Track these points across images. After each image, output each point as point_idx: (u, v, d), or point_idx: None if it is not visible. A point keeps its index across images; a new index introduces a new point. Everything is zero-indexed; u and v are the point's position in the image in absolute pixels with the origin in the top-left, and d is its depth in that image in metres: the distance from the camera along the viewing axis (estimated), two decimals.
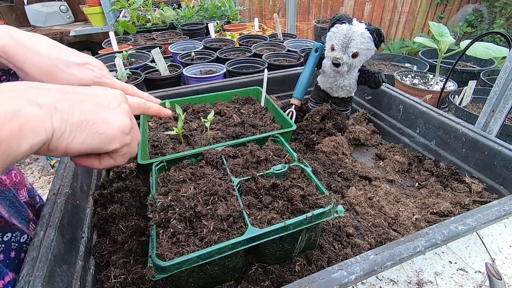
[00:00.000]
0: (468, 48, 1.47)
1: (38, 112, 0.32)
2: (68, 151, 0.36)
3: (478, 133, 0.81)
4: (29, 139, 0.31)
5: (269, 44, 1.75)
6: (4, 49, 0.44)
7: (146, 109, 0.52)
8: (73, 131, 0.36)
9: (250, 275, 0.55)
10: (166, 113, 0.56)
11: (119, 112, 0.41)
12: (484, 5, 3.98)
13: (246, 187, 0.59)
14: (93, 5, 2.55)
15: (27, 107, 0.31)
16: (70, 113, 0.36)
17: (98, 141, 0.38)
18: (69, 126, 0.35)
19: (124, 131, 0.41)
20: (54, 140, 0.34)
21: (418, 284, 0.52)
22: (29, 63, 0.45)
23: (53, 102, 0.34)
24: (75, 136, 0.36)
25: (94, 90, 0.42)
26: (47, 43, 0.49)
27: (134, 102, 0.50)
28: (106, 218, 0.66)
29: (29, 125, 0.31)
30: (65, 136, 0.35)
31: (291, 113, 1.04)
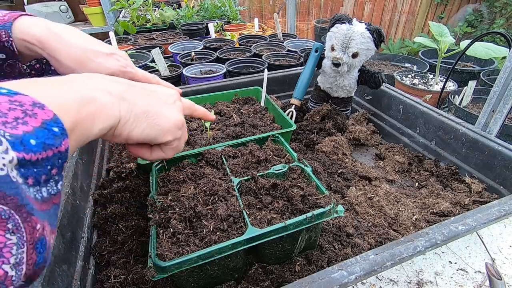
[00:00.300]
0: (468, 48, 1.47)
1: (110, 99, 0.36)
2: (129, 138, 0.40)
3: (478, 133, 0.81)
4: (101, 123, 0.34)
5: (269, 44, 1.75)
6: (41, 39, 0.48)
7: (194, 111, 0.56)
8: (135, 120, 0.39)
9: (250, 275, 0.55)
10: (211, 118, 0.60)
11: (175, 108, 0.46)
12: (484, 5, 3.98)
13: (246, 187, 0.59)
14: (93, 5, 2.55)
15: (101, 94, 0.35)
16: (135, 104, 0.39)
17: (155, 131, 0.42)
18: (133, 115, 0.39)
19: (177, 126, 0.45)
20: (120, 126, 0.38)
21: (418, 284, 0.52)
22: (62, 52, 0.49)
23: (121, 92, 0.38)
24: (136, 125, 0.40)
25: (154, 87, 0.46)
26: (78, 34, 0.53)
27: (185, 102, 0.53)
28: (106, 218, 0.66)
29: (102, 110, 0.34)
30: (128, 124, 0.39)
31: (291, 113, 1.04)
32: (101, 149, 0.89)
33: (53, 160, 0.27)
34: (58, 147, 0.28)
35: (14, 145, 0.23)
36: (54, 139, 0.27)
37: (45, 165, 0.27)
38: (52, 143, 0.27)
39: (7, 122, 0.24)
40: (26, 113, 0.26)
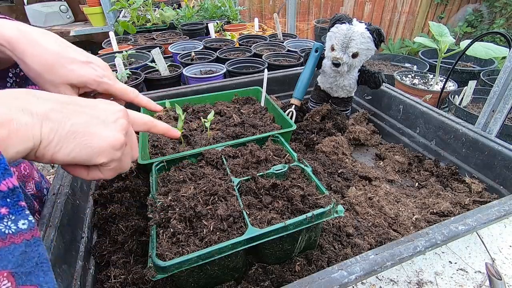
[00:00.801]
0: (468, 48, 1.47)
1: (29, 119, 0.33)
2: (54, 160, 0.36)
3: (478, 133, 0.81)
4: (16, 146, 0.32)
5: (269, 44, 1.75)
6: (10, 40, 0.46)
7: (153, 127, 0.52)
8: (60, 141, 0.36)
9: (250, 275, 0.55)
10: (174, 134, 0.56)
11: (114, 127, 0.41)
12: (484, 5, 3.98)
13: (246, 187, 0.59)
14: (93, 5, 2.55)
15: (19, 115, 0.32)
16: (62, 123, 0.36)
17: (85, 153, 0.38)
18: (57, 136, 0.36)
19: (114, 146, 0.41)
20: (41, 148, 0.35)
21: (418, 284, 0.52)
22: (31, 55, 0.46)
23: (46, 111, 0.35)
24: (62, 146, 0.36)
25: (95, 103, 0.42)
26: (53, 38, 0.50)
27: (140, 119, 0.50)
28: (106, 218, 0.66)
29: (18, 133, 0.31)
30: (52, 146, 0.35)
31: (291, 113, 1.04)
32: None
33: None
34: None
35: None
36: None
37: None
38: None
39: None
40: None
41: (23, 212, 0.29)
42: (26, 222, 0.29)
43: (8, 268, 0.28)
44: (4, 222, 0.28)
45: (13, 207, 0.29)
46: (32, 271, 0.30)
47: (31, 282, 0.30)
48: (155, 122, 0.52)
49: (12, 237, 0.28)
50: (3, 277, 0.27)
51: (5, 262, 0.28)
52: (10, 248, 0.28)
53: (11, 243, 0.28)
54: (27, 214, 0.30)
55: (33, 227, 0.30)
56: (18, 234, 0.29)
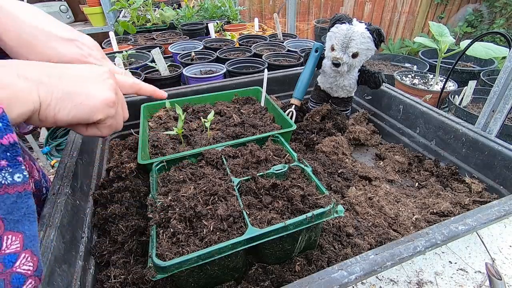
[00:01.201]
0: (468, 48, 1.47)
1: (25, 84, 0.35)
2: (57, 121, 0.39)
3: (478, 133, 0.81)
4: (17, 108, 0.34)
5: (269, 44, 1.75)
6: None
7: (139, 89, 0.54)
8: (58, 103, 0.38)
9: (250, 275, 0.55)
10: (160, 94, 0.58)
11: (103, 86, 0.43)
12: (484, 5, 3.98)
13: (246, 187, 0.59)
14: (93, 5, 2.55)
15: (16, 80, 0.34)
16: (55, 86, 0.38)
17: (82, 112, 0.41)
18: (54, 99, 0.38)
19: (107, 104, 0.43)
20: (42, 110, 0.37)
21: (418, 284, 0.52)
22: (8, 30, 0.44)
23: (40, 76, 0.37)
24: (60, 107, 0.39)
25: (82, 67, 0.44)
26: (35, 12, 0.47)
27: (126, 81, 0.52)
28: (106, 218, 0.66)
29: (17, 95, 0.34)
30: (51, 107, 0.38)
31: (291, 113, 1.04)
32: (101, 149, 0.89)
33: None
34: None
35: None
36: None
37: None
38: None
39: None
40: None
41: (20, 167, 0.32)
42: (21, 176, 0.32)
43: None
44: (2, 173, 0.31)
45: (11, 161, 0.31)
46: (19, 220, 0.32)
47: (18, 229, 0.32)
48: (141, 84, 0.54)
49: (7, 188, 0.31)
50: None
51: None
52: (3, 197, 0.31)
53: (5, 192, 0.31)
54: (22, 169, 0.32)
55: (26, 181, 0.33)
56: (13, 185, 0.32)
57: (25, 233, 0.33)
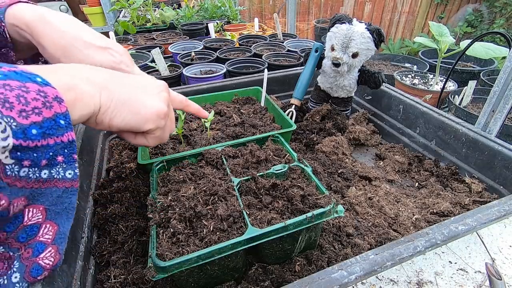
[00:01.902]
0: (468, 48, 1.47)
1: (90, 88, 0.37)
2: (111, 125, 0.41)
3: (478, 133, 0.81)
4: (80, 110, 0.36)
5: (269, 44, 1.75)
6: (28, 24, 0.47)
7: (187, 106, 0.57)
8: (116, 108, 0.40)
9: (250, 275, 0.55)
10: (204, 114, 0.63)
11: (158, 98, 0.46)
12: (484, 5, 3.98)
13: (246, 187, 0.59)
14: (93, 5, 2.55)
15: (82, 82, 0.37)
16: (116, 92, 0.40)
17: (136, 120, 0.43)
18: (113, 104, 0.40)
19: (159, 115, 0.45)
20: (100, 114, 0.39)
21: (418, 284, 0.52)
22: (48, 38, 0.47)
23: (103, 81, 0.39)
24: (117, 113, 0.41)
25: (140, 77, 0.47)
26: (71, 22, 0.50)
27: (177, 97, 0.55)
28: (106, 218, 0.66)
29: (82, 98, 0.36)
30: (109, 112, 0.40)
31: (291, 113, 1.04)
32: (101, 149, 0.89)
33: (55, 148, 0.31)
34: (59, 137, 0.32)
35: (16, 133, 0.28)
36: (57, 130, 0.31)
37: (46, 152, 0.31)
38: (53, 133, 0.31)
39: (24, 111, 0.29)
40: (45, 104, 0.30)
41: (73, 164, 0.34)
42: (72, 173, 0.34)
43: (45, 204, 0.33)
44: (57, 168, 0.33)
45: (67, 157, 0.33)
46: (60, 212, 0.35)
47: (56, 220, 0.35)
48: (189, 102, 0.58)
49: (57, 182, 0.33)
50: (39, 210, 0.33)
51: (44, 199, 0.33)
52: (52, 190, 0.33)
53: (54, 185, 0.33)
54: (75, 167, 0.34)
55: (76, 178, 0.35)
56: (62, 180, 0.34)
57: (59, 227, 0.35)
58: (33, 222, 0.33)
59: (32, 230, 0.33)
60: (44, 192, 0.33)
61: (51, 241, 0.35)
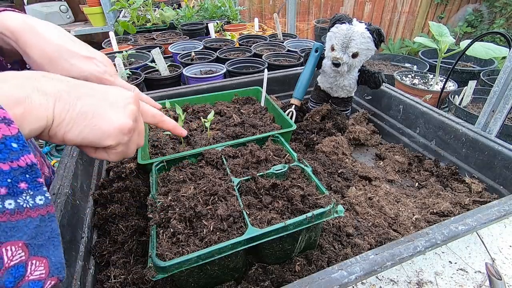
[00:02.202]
0: (468, 48, 1.47)
1: (42, 100, 0.34)
2: (65, 140, 0.38)
3: (478, 133, 0.81)
4: (31, 124, 0.33)
5: (269, 44, 1.75)
6: (14, 31, 0.47)
7: (161, 122, 0.53)
8: (71, 122, 0.37)
9: (250, 275, 0.55)
10: (180, 132, 0.57)
11: (123, 112, 0.42)
12: (484, 5, 3.98)
13: (246, 187, 0.59)
14: (93, 5, 2.55)
15: (33, 94, 0.34)
16: (73, 105, 0.37)
17: (93, 135, 0.39)
18: (68, 117, 0.37)
19: (122, 131, 0.41)
20: (54, 127, 0.36)
21: (418, 284, 0.52)
22: (34, 46, 0.47)
23: (59, 92, 0.36)
24: (72, 126, 0.37)
25: (106, 88, 0.43)
26: (58, 31, 0.50)
27: (149, 110, 0.51)
28: (106, 218, 0.66)
29: (32, 111, 0.33)
30: (63, 125, 0.37)
31: (291, 113, 1.04)
32: None
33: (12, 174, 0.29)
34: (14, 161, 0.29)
35: None
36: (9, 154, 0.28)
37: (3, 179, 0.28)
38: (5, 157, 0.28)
39: None
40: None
41: (41, 188, 0.31)
42: (43, 198, 0.31)
43: (23, 239, 0.30)
44: (23, 196, 0.30)
45: (31, 183, 0.30)
46: (44, 244, 0.32)
47: (42, 254, 0.31)
48: (164, 117, 0.53)
49: (29, 211, 0.30)
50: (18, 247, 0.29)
51: (21, 234, 0.30)
52: (26, 221, 0.30)
53: (27, 216, 0.30)
54: (44, 191, 0.31)
55: (49, 203, 0.32)
56: (35, 208, 0.31)
57: (50, 259, 0.32)
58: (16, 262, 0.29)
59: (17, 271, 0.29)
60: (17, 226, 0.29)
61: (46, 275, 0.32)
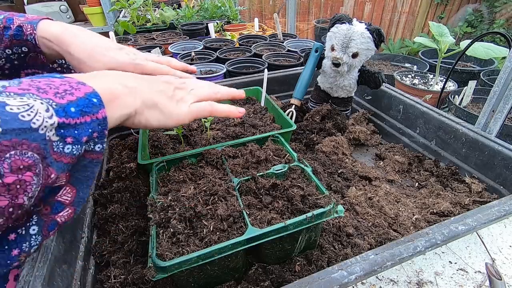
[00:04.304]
0: (468, 48, 1.47)
1: (126, 90, 0.42)
2: (148, 126, 0.47)
3: (478, 133, 0.81)
4: (119, 111, 0.41)
5: (269, 44, 1.75)
6: (57, 36, 0.56)
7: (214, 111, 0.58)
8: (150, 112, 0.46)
9: (250, 275, 0.55)
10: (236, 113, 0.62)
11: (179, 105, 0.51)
12: (484, 5, 3.97)
13: (246, 187, 0.59)
14: (93, 5, 2.55)
15: (119, 87, 0.42)
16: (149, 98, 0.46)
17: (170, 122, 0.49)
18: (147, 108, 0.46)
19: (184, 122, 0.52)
20: (137, 115, 0.45)
21: (418, 284, 0.52)
22: (75, 46, 0.55)
23: (136, 85, 0.45)
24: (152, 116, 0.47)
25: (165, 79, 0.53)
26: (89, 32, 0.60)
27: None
28: (106, 218, 0.66)
29: (120, 100, 0.41)
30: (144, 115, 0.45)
31: (291, 113, 1.04)
32: None
33: (92, 125, 0.35)
34: (95, 114, 0.35)
35: (57, 112, 0.31)
36: (92, 108, 0.35)
37: (86, 129, 0.34)
38: (89, 111, 0.34)
39: (58, 93, 0.32)
40: (73, 87, 0.34)
41: (104, 139, 0.37)
42: (101, 146, 0.37)
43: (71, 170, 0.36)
44: (90, 143, 0.36)
45: (100, 133, 0.36)
46: (81, 179, 0.37)
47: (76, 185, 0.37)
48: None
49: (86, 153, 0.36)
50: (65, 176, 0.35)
51: None
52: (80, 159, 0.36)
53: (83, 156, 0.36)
54: (105, 141, 0.37)
55: (102, 151, 0.38)
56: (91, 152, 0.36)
57: (78, 192, 0.38)
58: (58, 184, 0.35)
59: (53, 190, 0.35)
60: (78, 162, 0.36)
61: (69, 203, 0.37)
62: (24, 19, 0.56)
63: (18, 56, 0.57)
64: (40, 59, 0.59)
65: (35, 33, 0.55)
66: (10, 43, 0.56)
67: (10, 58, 0.57)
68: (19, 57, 0.58)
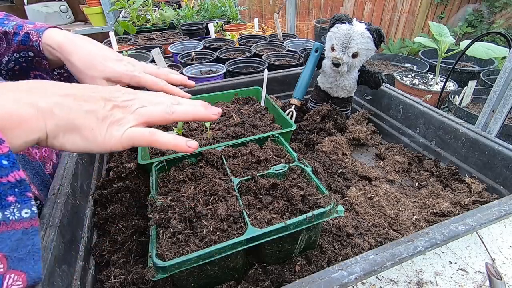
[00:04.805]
0: (468, 48, 1.47)
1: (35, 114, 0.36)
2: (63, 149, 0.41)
3: (478, 133, 0.81)
4: (23, 137, 0.35)
5: (269, 44, 1.75)
6: (59, 44, 0.58)
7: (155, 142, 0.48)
8: (66, 135, 0.39)
9: (250, 275, 0.55)
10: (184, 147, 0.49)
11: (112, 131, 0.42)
12: (484, 5, 3.98)
13: (246, 187, 0.59)
14: (93, 5, 2.55)
15: (27, 109, 0.35)
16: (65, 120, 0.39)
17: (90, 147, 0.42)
18: (62, 131, 0.39)
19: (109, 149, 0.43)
20: (50, 139, 0.38)
21: (418, 284, 0.52)
22: (75, 54, 0.57)
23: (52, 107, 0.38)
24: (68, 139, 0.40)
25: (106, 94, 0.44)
26: (91, 41, 0.62)
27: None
28: (106, 218, 0.66)
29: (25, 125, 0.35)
30: (59, 138, 0.39)
31: (291, 113, 1.04)
32: None
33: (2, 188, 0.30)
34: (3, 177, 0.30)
35: None
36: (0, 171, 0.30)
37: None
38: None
39: None
40: None
41: (29, 202, 0.32)
42: (29, 211, 0.32)
43: (4, 251, 0.30)
44: (10, 209, 0.31)
45: (20, 197, 0.32)
46: (24, 258, 0.32)
47: (21, 268, 0.32)
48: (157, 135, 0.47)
49: (14, 224, 0.31)
50: None
51: (3, 245, 0.30)
52: (10, 233, 0.31)
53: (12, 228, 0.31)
54: (32, 204, 0.32)
55: (34, 217, 0.33)
56: (20, 221, 0.32)
57: (28, 273, 0.32)
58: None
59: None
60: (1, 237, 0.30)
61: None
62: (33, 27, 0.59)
63: (25, 59, 0.61)
64: (44, 64, 0.62)
65: (40, 40, 0.58)
66: (18, 48, 0.59)
67: (18, 61, 0.62)
68: (26, 60, 0.62)
